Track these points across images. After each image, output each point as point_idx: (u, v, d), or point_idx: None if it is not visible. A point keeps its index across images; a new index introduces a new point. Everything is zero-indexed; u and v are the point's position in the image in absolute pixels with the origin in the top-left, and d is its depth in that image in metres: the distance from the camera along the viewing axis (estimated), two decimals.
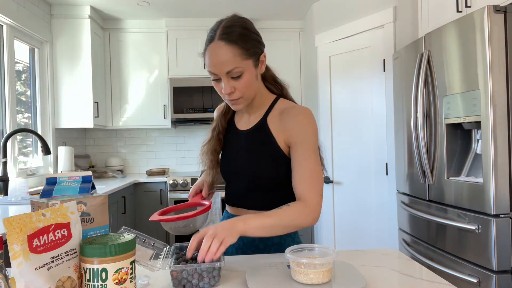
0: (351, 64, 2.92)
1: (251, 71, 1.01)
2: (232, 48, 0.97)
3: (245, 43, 0.99)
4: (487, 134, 1.56)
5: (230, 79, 1.00)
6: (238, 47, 0.98)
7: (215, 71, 0.99)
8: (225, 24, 1.00)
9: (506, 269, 1.52)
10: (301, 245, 0.89)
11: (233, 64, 0.97)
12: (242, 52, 0.98)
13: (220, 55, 0.97)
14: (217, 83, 1.02)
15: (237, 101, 1.04)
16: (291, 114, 1.06)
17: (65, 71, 3.27)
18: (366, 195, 2.84)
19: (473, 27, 1.61)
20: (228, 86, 1.00)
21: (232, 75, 0.99)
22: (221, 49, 0.97)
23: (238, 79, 1.00)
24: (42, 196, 0.85)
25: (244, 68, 0.99)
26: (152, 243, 0.91)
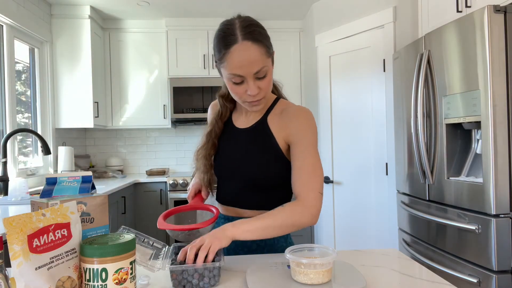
0: (351, 64, 2.92)
1: (271, 69, 1.01)
2: (259, 47, 0.95)
3: (267, 41, 0.98)
4: (487, 134, 1.56)
5: (256, 80, 0.98)
6: (263, 46, 0.96)
7: (243, 72, 0.95)
8: (242, 25, 0.96)
9: (506, 269, 1.52)
10: (301, 245, 0.89)
11: (261, 64, 0.96)
12: (266, 50, 0.97)
13: (249, 55, 0.94)
14: (239, 85, 0.99)
15: (260, 102, 1.03)
16: (291, 113, 1.06)
17: (65, 71, 3.27)
18: (366, 195, 2.84)
19: (473, 27, 1.61)
20: (255, 87, 0.97)
21: (259, 75, 0.97)
22: (249, 49, 0.94)
23: (263, 79, 0.98)
24: (42, 196, 0.85)
25: (268, 66, 0.98)
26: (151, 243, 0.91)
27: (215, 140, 1.18)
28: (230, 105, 1.20)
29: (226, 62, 0.96)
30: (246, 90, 0.99)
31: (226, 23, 0.99)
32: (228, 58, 0.95)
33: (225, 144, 1.17)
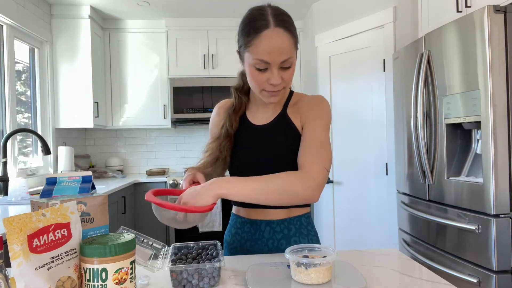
0: (351, 64, 2.92)
1: (295, 61, 0.99)
2: (290, 36, 0.93)
3: (294, 32, 0.97)
4: (487, 134, 1.56)
5: (280, 69, 0.95)
6: (293, 36, 0.95)
7: (270, 58, 0.92)
8: (275, 12, 0.94)
9: (506, 269, 1.52)
10: (301, 245, 0.89)
11: (290, 53, 0.94)
12: (295, 42, 0.96)
13: (280, 42, 0.91)
14: (262, 73, 0.95)
15: (279, 93, 1.00)
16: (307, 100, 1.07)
17: (65, 71, 3.27)
18: (366, 195, 2.84)
19: (473, 27, 1.61)
20: (278, 76, 0.95)
21: (285, 64, 0.94)
22: (281, 37, 0.92)
23: (287, 70, 0.96)
24: (42, 196, 0.85)
25: (294, 59, 0.97)
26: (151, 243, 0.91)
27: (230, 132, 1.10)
28: (245, 98, 1.14)
29: (253, 46, 0.93)
30: (268, 79, 0.96)
31: (257, 8, 0.97)
32: (257, 42, 0.92)
33: (244, 141, 1.11)
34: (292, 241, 1.07)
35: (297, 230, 1.09)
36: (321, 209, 3.23)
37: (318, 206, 3.34)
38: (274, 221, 1.08)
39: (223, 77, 3.64)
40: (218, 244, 0.93)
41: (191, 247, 0.94)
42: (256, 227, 1.10)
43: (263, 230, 1.09)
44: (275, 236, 1.08)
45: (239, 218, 1.15)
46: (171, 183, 3.36)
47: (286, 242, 1.08)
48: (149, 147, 4.04)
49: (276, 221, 1.08)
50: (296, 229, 1.09)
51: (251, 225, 1.11)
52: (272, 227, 1.08)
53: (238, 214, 1.16)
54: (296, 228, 1.09)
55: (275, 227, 1.08)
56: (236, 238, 1.13)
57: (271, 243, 1.08)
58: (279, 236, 1.08)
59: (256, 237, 1.09)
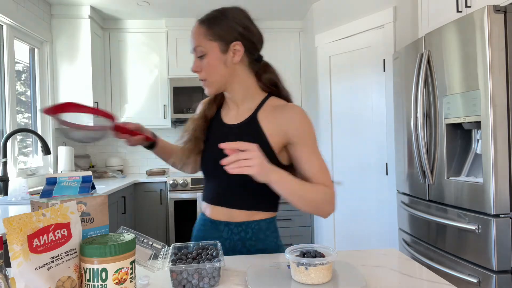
0: (351, 64, 2.92)
1: (215, 54, 1.03)
2: (201, 28, 1.05)
3: (213, 25, 1.04)
4: (487, 134, 1.56)
5: (197, 58, 1.06)
6: (204, 28, 1.04)
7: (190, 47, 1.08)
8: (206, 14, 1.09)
9: (506, 269, 1.52)
10: (301, 245, 0.89)
11: (198, 41, 1.04)
12: (206, 32, 1.04)
13: (192, 33, 1.07)
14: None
15: (205, 84, 1.08)
16: (286, 111, 1.05)
17: (65, 71, 3.27)
18: (366, 195, 2.84)
19: (473, 27, 1.61)
20: (194, 64, 1.07)
21: (196, 53, 1.05)
22: (195, 28, 1.06)
23: (202, 59, 1.05)
24: (42, 196, 0.85)
25: (207, 49, 1.03)
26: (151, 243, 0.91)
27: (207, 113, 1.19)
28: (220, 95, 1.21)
29: None
30: None
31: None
32: None
33: (213, 139, 1.14)
34: (247, 244, 1.09)
35: (254, 234, 1.10)
36: None
37: None
38: (233, 223, 1.10)
39: None
40: (218, 244, 0.93)
41: (191, 247, 0.94)
42: (215, 226, 1.12)
43: (222, 230, 1.11)
44: (232, 237, 1.10)
45: (203, 216, 1.18)
46: (171, 183, 3.36)
47: (242, 245, 1.10)
48: None
49: (234, 223, 1.10)
50: (253, 233, 1.10)
51: (211, 224, 1.14)
52: (230, 228, 1.10)
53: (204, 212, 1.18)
54: (253, 232, 1.10)
55: (233, 228, 1.10)
56: (200, 235, 1.16)
57: (228, 243, 1.10)
58: (236, 238, 1.10)
59: (215, 236, 1.12)
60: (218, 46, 1.03)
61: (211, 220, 1.14)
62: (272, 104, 1.09)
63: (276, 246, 1.12)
